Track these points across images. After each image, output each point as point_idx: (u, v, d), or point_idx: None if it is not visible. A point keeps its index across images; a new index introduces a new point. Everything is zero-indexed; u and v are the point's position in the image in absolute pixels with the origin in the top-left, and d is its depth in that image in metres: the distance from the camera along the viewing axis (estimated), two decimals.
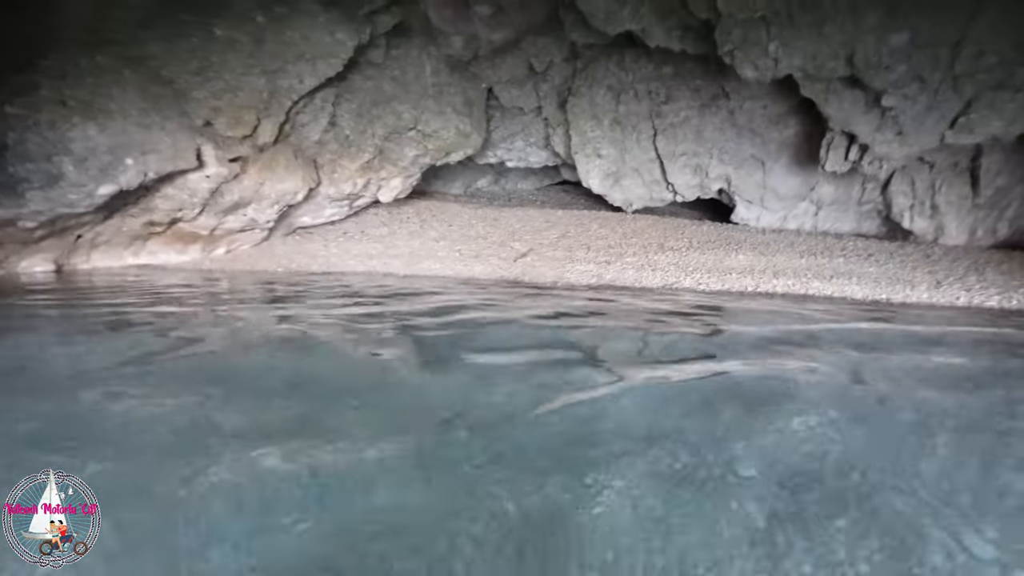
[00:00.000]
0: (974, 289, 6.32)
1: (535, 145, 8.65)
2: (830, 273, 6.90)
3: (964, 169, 7.55)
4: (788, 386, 2.96)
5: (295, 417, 2.43)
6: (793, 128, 7.55)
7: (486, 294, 5.86)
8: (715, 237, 8.38)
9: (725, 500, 1.77)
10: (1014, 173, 7.35)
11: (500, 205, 9.78)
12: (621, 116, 7.66)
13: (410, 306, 5.11)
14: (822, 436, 2.30)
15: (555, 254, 7.78)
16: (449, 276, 7.03)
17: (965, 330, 4.88)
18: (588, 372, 3.22)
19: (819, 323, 4.81)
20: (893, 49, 5.52)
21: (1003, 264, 7.15)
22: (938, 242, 7.97)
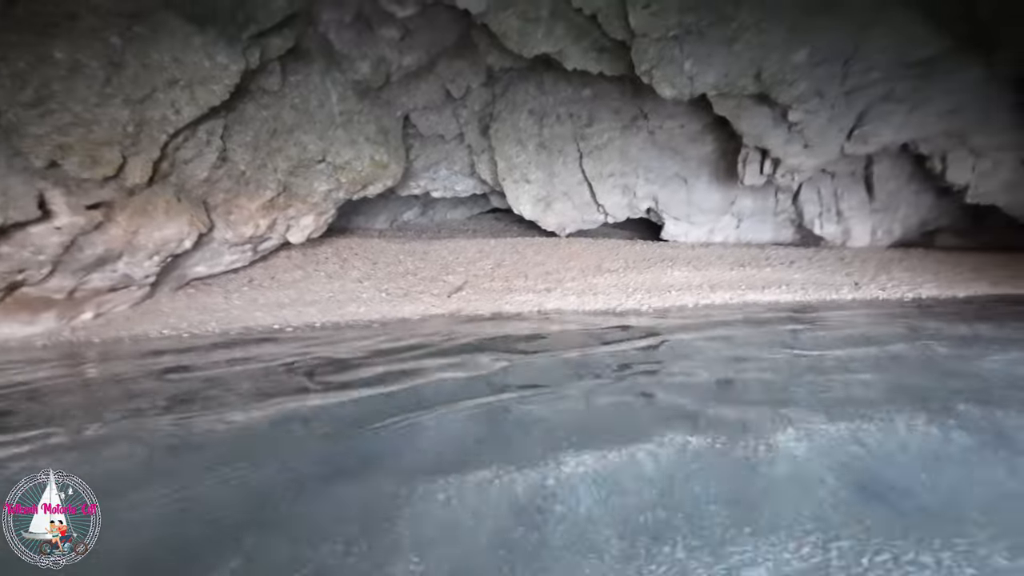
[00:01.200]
0: (887, 287, 6.61)
1: (460, 173, 8.18)
2: (762, 283, 6.96)
3: (860, 177, 8.09)
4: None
5: None
6: (710, 145, 7.70)
7: (417, 337, 5.15)
8: (649, 255, 8.30)
9: None
10: (899, 178, 7.97)
11: (429, 238, 9.14)
12: (546, 140, 7.41)
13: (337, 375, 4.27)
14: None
15: (492, 285, 7.24)
16: (375, 320, 6.22)
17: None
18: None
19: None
20: (795, 65, 5.71)
21: (904, 262, 7.64)
22: (846, 245, 8.43)
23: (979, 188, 7.12)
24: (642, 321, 5.65)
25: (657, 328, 5.30)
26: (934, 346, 4.19)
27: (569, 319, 5.94)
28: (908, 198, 8.14)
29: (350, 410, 3.32)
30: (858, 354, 4.07)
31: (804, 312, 5.80)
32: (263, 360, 4.63)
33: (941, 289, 6.36)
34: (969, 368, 3.71)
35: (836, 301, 6.23)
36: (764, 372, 3.76)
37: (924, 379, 3.48)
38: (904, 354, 4.07)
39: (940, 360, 3.88)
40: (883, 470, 2.31)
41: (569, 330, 5.44)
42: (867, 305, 6.04)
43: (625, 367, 4.00)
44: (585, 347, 4.64)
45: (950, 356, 3.96)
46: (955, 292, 6.28)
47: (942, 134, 6.73)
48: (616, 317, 5.92)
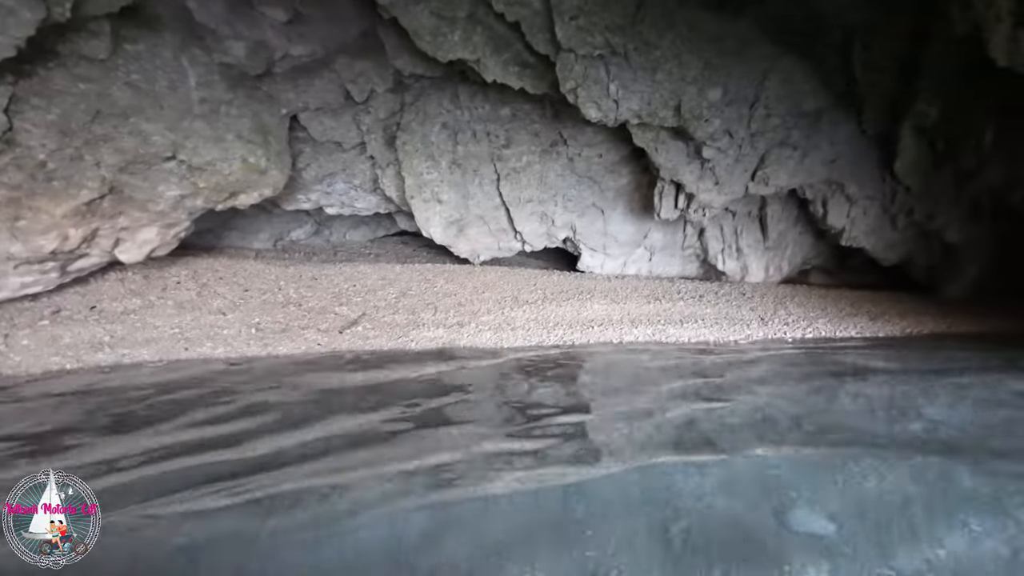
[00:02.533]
0: (788, 323, 6.83)
1: (361, 188, 7.08)
2: (679, 318, 6.81)
3: (756, 217, 8.56)
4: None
5: None
6: (626, 177, 7.58)
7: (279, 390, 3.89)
8: (567, 287, 7.86)
9: None
10: (788, 220, 8.57)
11: (322, 261, 7.77)
12: (460, 158, 6.68)
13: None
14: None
15: (395, 319, 6.15)
16: (235, 362, 4.80)
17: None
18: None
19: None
20: (711, 103, 5.72)
21: (795, 298, 8.09)
22: (744, 280, 8.80)
23: (852, 232, 7.82)
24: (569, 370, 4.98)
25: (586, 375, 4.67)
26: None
27: (486, 359, 5.09)
28: (795, 238, 8.78)
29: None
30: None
31: (724, 354, 5.61)
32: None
33: (833, 326, 6.70)
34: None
35: (749, 338, 6.21)
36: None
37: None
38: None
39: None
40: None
41: (484, 377, 4.58)
42: (779, 344, 6.07)
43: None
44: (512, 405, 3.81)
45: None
46: (843, 329, 6.64)
47: (824, 181, 7.29)
48: (538, 356, 5.22)
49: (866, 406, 3.82)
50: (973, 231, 7.56)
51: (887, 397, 3.96)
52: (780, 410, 3.64)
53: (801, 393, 4.01)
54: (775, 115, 6.35)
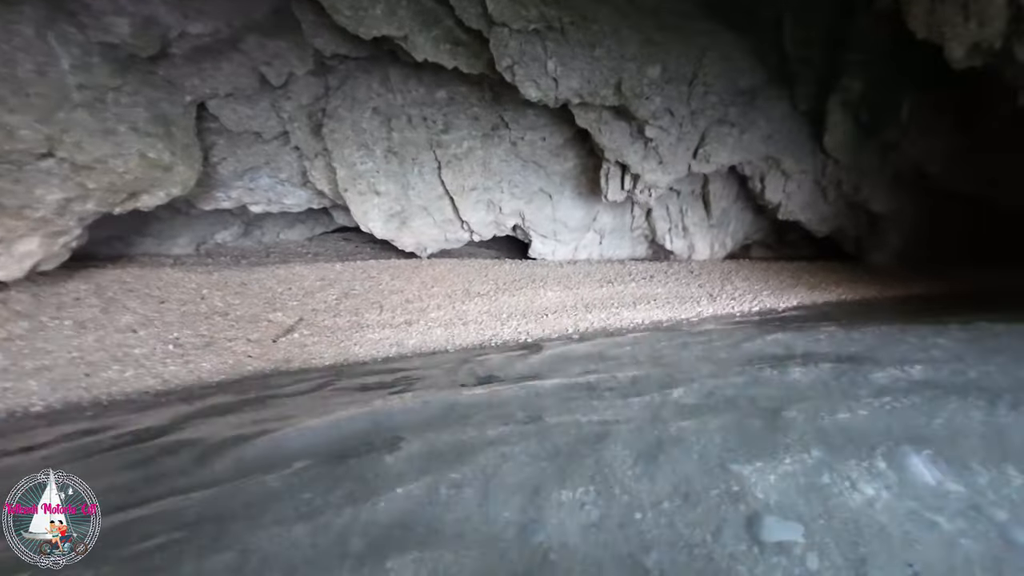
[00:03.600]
0: (736, 297, 6.94)
1: (289, 182, 6.46)
2: (631, 300, 6.76)
3: (699, 195, 8.65)
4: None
5: None
6: (572, 161, 7.38)
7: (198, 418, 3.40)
8: (519, 275, 7.63)
9: None
10: (729, 197, 8.72)
11: (253, 264, 7.10)
12: (396, 145, 6.22)
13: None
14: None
15: (337, 322, 5.69)
16: (149, 388, 4.23)
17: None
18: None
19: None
20: (651, 81, 5.58)
21: (739, 272, 8.26)
22: (691, 258, 8.91)
23: (788, 206, 8.05)
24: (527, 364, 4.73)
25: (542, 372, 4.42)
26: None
27: (436, 362, 4.76)
28: (736, 214, 8.96)
29: None
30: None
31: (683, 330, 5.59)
32: None
33: (776, 299, 6.87)
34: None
35: (700, 315, 6.23)
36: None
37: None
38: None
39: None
40: None
41: (433, 381, 4.25)
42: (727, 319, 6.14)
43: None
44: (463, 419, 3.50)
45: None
46: (787, 300, 6.83)
47: (762, 158, 7.42)
48: (494, 351, 4.95)
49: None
50: (896, 202, 7.97)
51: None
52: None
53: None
54: (713, 93, 6.32)
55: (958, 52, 4.17)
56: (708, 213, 8.61)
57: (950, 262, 8.44)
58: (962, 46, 4.09)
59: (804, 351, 3.94)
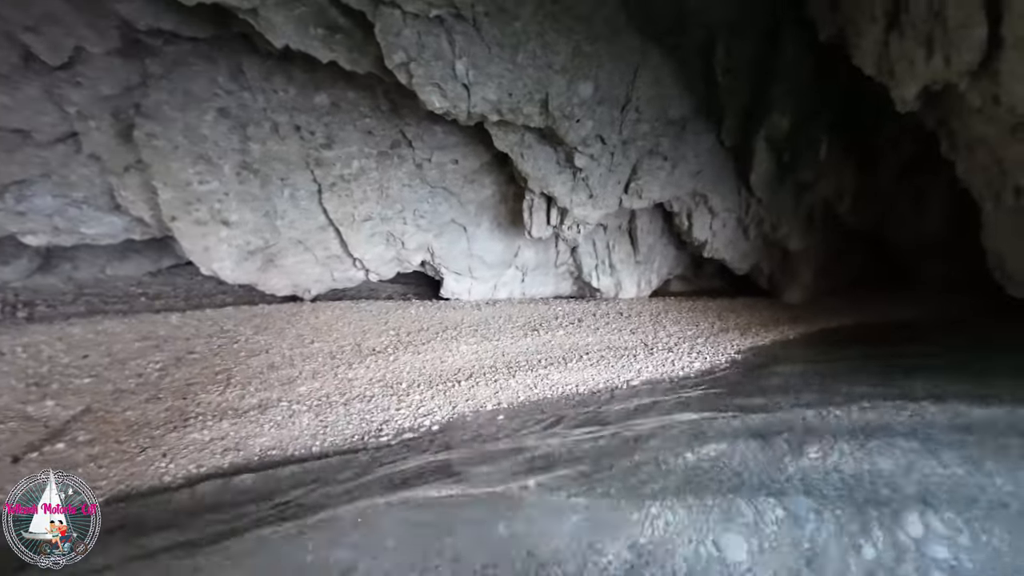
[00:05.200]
0: (672, 348, 6.16)
1: (89, 204, 4.45)
2: (560, 354, 5.66)
3: (626, 231, 7.98)
4: None
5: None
6: (489, 188, 6.23)
7: None
8: (427, 323, 6.21)
9: None
10: (655, 233, 8.16)
11: (30, 319, 4.86)
12: (256, 161, 4.57)
13: None
14: None
15: (146, 412, 3.80)
16: None
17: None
18: None
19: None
20: (582, 100, 4.63)
21: (669, 314, 7.61)
22: (618, 296, 8.17)
23: (713, 244, 7.64)
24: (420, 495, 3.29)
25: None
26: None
27: (286, 482, 3.13)
28: (661, 250, 8.43)
29: None
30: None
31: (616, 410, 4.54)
32: None
33: (712, 348, 6.20)
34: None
35: (639, 374, 5.30)
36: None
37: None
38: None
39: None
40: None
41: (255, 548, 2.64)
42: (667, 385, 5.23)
43: None
44: None
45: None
46: (724, 350, 6.20)
47: (690, 194, 6.89)
48: (379, 454, 3.44)
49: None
50: (808, 239, 7.94)
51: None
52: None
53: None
54: (644, 120, 5.58)
55: (910, 92, 3.69)
56: (635, 249, 7.95)
57: (849, 293, 8.77)
58: (916, 86, 3.60)
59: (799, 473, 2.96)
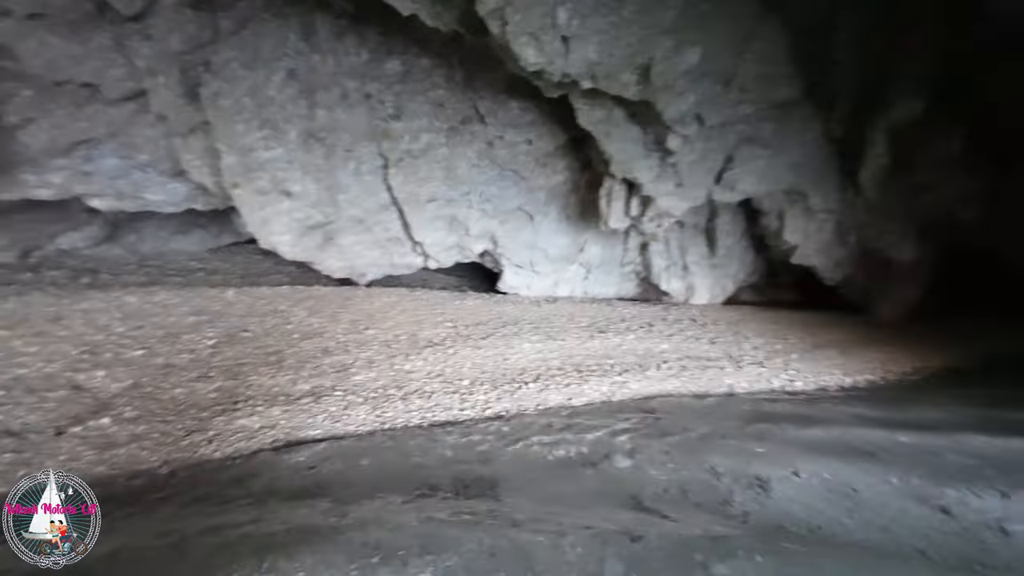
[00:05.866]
0: (762, 362, 5.36)
1: (153, 168, 4.26)
2: (634, 360, 5.01)
3: (703, 229, 7.21)
4: None
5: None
6: (562, 174, 5.67)
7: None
8: (485, 316, 5.72)
9: None
10: (735, 234, 7.33)
11: (92, 286, 4.73)
12: (322, 128, 4.23)
13: None
14: None
15: (195, 392, 3.50)
16: None
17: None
18: None
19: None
20: (687, 69, 3.99)
21: (748, 323, 6.73)
22: (688, 301, 7.41)
23: (805, 250, 6.74)
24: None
25: None
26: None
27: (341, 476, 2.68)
28: (739, 254, 7.58)
29: None
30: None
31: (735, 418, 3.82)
32: None
33: (811, 367, 5.35)
34: None
35: (731, 389, 4.57)
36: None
37: None
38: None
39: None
40: None
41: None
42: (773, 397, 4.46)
43: None
44: None
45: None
46: (826, 371, 5.33)
47: (785, 190, 6.05)
48: (445, 454, 2.92)
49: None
50: (920, 250, 6.87)
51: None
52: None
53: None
54: (748, 101, 4.85)
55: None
56: (712, 251, 7.16)
57: (953, 316, 7.48)
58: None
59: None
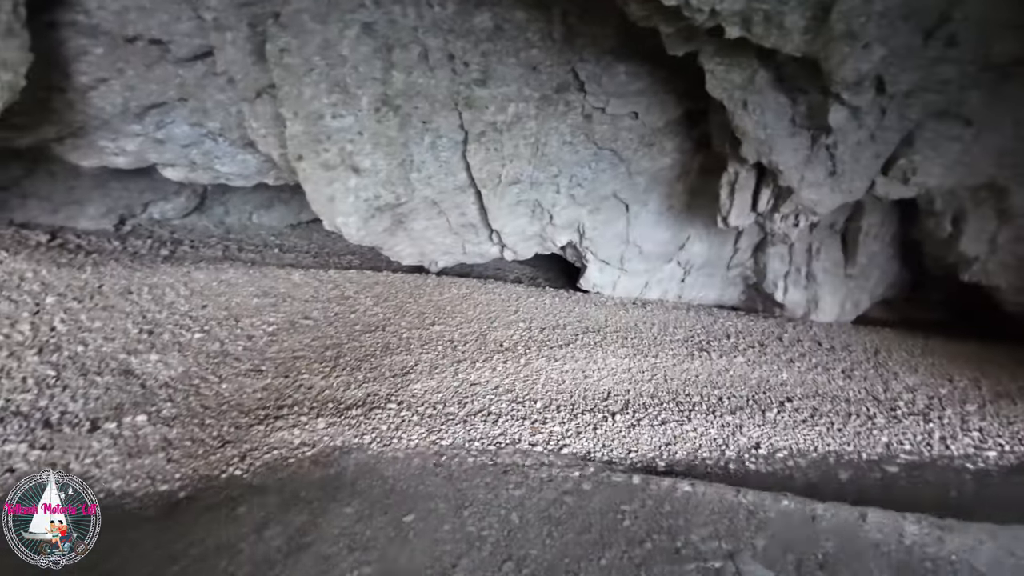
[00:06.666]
0: (924, 414, 4.08)
1: (223, 137, 3.95)
2: (747, 394, 3.99)
3: (839, 231, 5.81)
4: None
5: None
6: (669, 157, 4.66)
7: None
8: (564, 318, 4.96)
9: None
10: (883, 238, 5.84)
11: (164, 260, 4.66)
12: (398, 94, 3.64)
13: None
14: None
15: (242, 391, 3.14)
16: None
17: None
18: None
19: None
20: (883, 9, 2.82)
21: (892, 353, 5.32)
22: (808, 317, 6.07)
23: (988, 264, 5.12)
24: None
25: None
26: None
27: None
28: (882, 264, 6.07)
29: None
30: None
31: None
32: None
33: (998, 425, 3.98)
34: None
35: (890, 450, 3.42)
36: None
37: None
38: None
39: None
40: None
41: None
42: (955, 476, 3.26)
43: None
44: None
45: None
46: (1019, 428, 3.93)
47: (977, 184, 4.52)
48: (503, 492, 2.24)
49: None
50: None
51: None
52: None
53: None
54: (951, 60, 3.49)
55: None
56: (850, 258, 5.75)
57: None
58: None
59: None
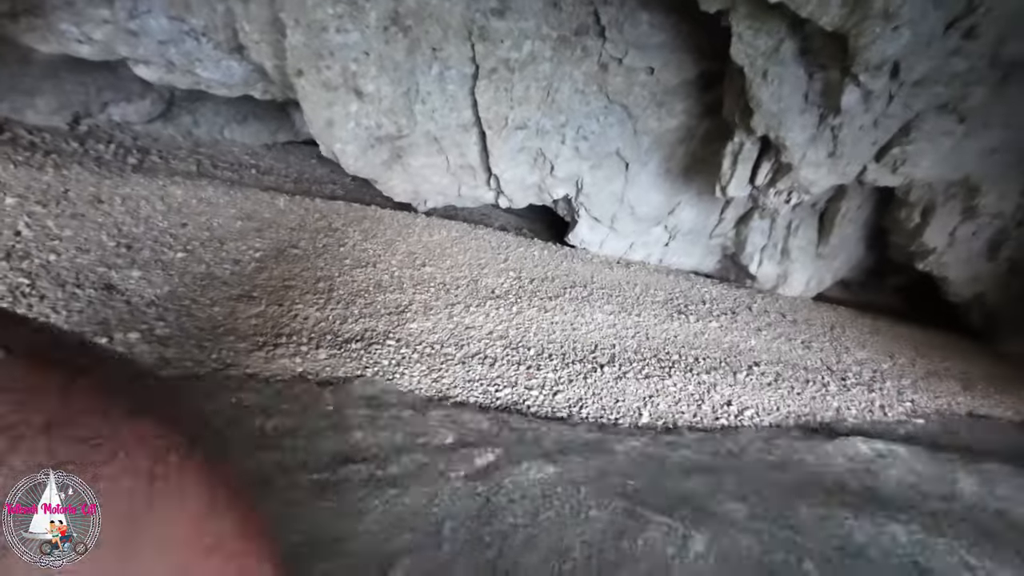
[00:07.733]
0: (870, 384, 4.52)
1: (208, 39, 3.51)
2: (720, 356, 4.26)
3: (818, 212, 6.03)
4: None
5: None
6: (677, 118, 4.58)
7: None
8: (553, 271, 5.01)
9: None
10: (857, 222, 6.13)
11: (133, 169, 4.25)
12: (409, 13, 3.32)
13: None
14: None
15: (231, 315, 3.04)
16: None
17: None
18: None
19: None
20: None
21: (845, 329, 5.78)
22: (776, 290, 6.42)
23: (943, 257, 5.52)
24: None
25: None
26: None
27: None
28: (850, 247, 6.41)
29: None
30: None
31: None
32: None
33: (927, 397, 4.48)
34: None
35: (838, 414, 3.80)
36: None
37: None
38: None
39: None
40: None
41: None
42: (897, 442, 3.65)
43: None
44: None
45: None
46: (942, 402, 4.44)
47: (954, 181, 4.76)
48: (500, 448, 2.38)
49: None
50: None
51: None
52: None
53: None
54: (966, 53, 3.53)
55: None
56: (823, 238, 6.02)
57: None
58: None
59: None
